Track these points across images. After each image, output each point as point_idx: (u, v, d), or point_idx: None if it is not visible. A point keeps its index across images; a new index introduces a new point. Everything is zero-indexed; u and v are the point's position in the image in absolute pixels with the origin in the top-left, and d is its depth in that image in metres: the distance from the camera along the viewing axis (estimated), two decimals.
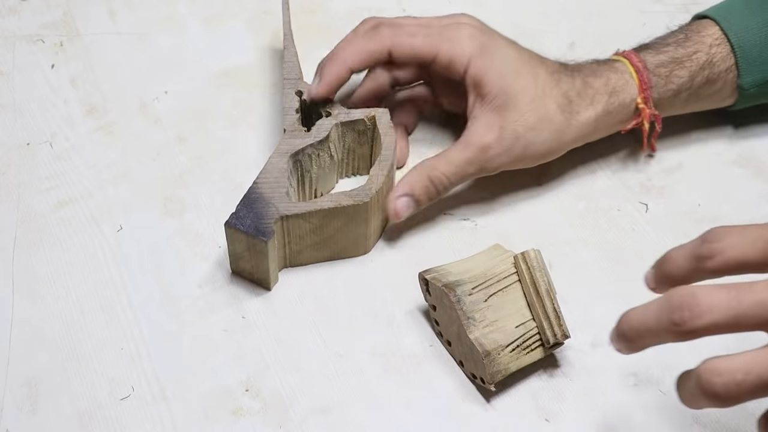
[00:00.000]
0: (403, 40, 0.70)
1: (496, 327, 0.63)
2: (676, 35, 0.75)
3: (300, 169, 0.70)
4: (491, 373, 0.62)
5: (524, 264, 0.64)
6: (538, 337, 0.64)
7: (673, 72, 0.73)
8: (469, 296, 0.63)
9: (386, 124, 0.71)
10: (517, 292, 0.64)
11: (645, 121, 0.73)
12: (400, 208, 0.69)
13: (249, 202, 0.67)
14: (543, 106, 0.70)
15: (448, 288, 0.63)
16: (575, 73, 0.72)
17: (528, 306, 0.64)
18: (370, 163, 0.72)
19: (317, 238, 0.69)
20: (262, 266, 0.67)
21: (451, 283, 0.64)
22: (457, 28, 0.71)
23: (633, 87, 0.72)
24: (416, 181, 0.70)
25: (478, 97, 0.70)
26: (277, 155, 0.69)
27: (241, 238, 0.66)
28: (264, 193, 0.67)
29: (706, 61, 0.73)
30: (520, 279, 0.65)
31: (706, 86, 0.74)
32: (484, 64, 0.70)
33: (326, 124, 0.71)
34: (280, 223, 0.67)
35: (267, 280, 0.68)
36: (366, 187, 0.68)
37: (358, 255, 0.71)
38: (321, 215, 0.67)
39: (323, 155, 0.71)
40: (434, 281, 0.65)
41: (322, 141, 0.70)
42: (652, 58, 0.73)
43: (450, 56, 0.70)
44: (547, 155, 0.72)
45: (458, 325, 0.63)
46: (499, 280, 0.64)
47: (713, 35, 0.74)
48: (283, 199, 0.67)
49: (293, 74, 0.74)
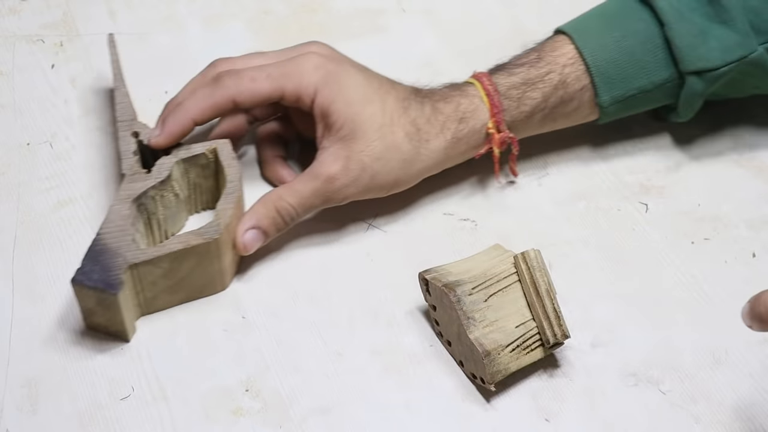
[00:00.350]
0: (245, 88, 0.68)
1: (496, 327, 0.63)
2: (529, 55, 0.74)
3: (145, 213, 0.68)
4: (491, 373, 0.62)
5: (524, 264, 0.64)
6: (538, 337, 0.64)
7: (526, 94, 0.72)
8: (469, 296, 0.63)
9: (228, 155, 0.69)
10: (517, 292, 0.64)
11: (495, 147, 0.72)
12: (248, 241, 0.68)
13: (94, 255, 0.64)
14: (390, 134, 0.69)
15: (448, 288, 0.63)
16: (425, 99, 0.71)
17: (528, 306, 0.64)
18: (219, 196, 0.69)
19: (170, 281, 0.66)
20: (117, 319, 0.65)
21: (451, 283, 0.64)
22: (303, 60, 0.69)
23: (484, 111, 0.71)
24: (263, 214, 0.68)
25: (325, 127, 0.69)
26: (119, 202, 0.67)
27: (90, 294, 0.63)
28: (109, 244, 0.64)
29: (560, 82, 0.72)
30: (520, 279, 0.65)
31: (561, 106, 0.73)
32: (331, 93, 0.68)
33: (167, 163, 0.69)
34: (129, 273, 0.64)
35: (124, 332, 0.66)
36: (215, 223, 0.66)
37: (216, 292, 0.69)
38: (171, 258, 0.65)
39: (168, 195, 0.69)
40: (434, 281, 0.65)
41: (164, 181, 0.68)
42: (504, 80, 0.72)
43: (296, 92, 0.68)
44: (397, 185, 0.71)
45: (458, 325, 0.63)
46: (499, 280, 0.64)
47: (567, 54, 0.73)
48: (130, 247, 0.64)
49: (127, 115, 0.71)
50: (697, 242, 0.73)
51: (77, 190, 0.75)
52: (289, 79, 0.69)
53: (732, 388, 0.65)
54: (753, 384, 0.65)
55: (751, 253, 0.72)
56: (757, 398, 0.65)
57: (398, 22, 0.88)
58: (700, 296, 0.70)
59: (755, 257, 0.72)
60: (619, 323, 0.68)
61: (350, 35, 0.86)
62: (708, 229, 0.73)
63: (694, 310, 0.69)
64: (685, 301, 0.70)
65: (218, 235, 0.65)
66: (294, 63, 0.69)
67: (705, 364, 0.66)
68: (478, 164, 0.74)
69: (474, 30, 0.87)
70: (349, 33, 0.86)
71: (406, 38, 0.86)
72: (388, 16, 0.88)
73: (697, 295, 0.70)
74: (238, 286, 0.70)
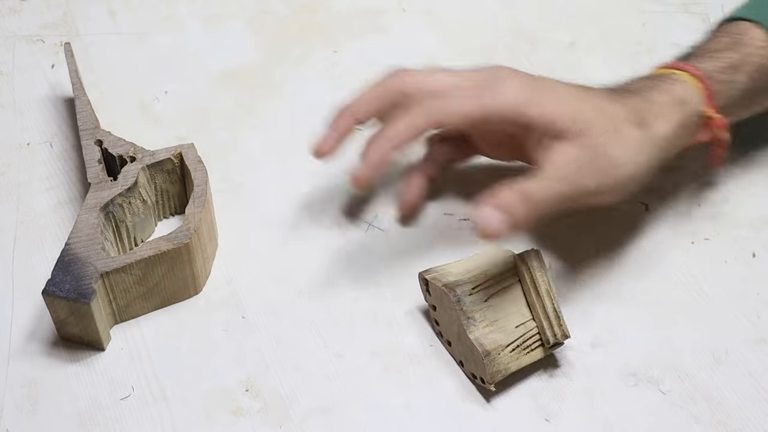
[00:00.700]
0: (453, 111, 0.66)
1: (497, 327, 0.63)
2: (718, 40, 0.71)
3: (114, 221, 0.68)
4: (491, 373, 0.62)
5: (524, 264, 0.64)
6: (538, 337, 0.64)
7: (733, 77, 0.69)
8: (469, 296, 0.63)
9: (194, 158, 0.69)
10: (517, 291, 0.65)
11: (718, 132, 0.69)
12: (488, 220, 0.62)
13: (64, 266, 0.64)
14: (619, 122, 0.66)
15: (448, 288, 0.63)
16: (630, 93, 0.68)
17: (528, 306, 0.64)
18: (187, 201, 0.69)
19: (143, 288, 0.66)
20: (91, 328, 0.65)
21: (451, 283, 0.64)
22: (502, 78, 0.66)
23: (697, 97, 0.68)
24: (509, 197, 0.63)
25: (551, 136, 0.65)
26: (86, 211, 0.66)
27: (62, 304, 0.63)
28: (78, 254, 0.64)
29: (761, 64, 0.70)
30: (520, 279, 0.65)
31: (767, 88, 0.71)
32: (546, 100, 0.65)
33: (132, 170, 0.69)
34: (101, 281, 0.64)
35: (99, 341, 0.66)
36: (184, 228, 0.66)
37: (190, 297, 0.69)
38: (142, 265, 0.65)
39: (135, 202, 0.69)
40: (434, 281, 0.65)
41: (130, 188, 0.68)
42: (708, 65, 0.69)
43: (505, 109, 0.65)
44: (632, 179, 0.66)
45: (458, 325, 0.63)
46: (499, 280, 0.64)
47: (758, 36, 0.70)
48: (99, 256, 0.64)
49: (89, 124, 0.71)
50: (697, 242, 0.73)
51: (77, 190, 0.75)
52: (497, 97, 0.66)
53: (732, 388, 0.65)
54: (753, 384, 0.65)
55: (751, 253, 0.72)
56: (757, 398, 0.65)
57: (398, 22, 0.88)
58: (700, 296, 0.70)
59: (755, 257, 0.72)
60: (619, 323, 0.68)
61: (350, 35, 0.86)
62: (708, 229, 0.73)
63: (694, 310, 0.69)
64: (685, 301, 0.70)
65: (188, 240, 0.66)
66: (495, 81, 0.66)
67: (705, 364, 0.66)
68: (478, 164, 0.74)
69: (474, 30, 0.87)
70: (349, 33, 0.86)
71: (406, 38, 0.86)
72: (388, 16, 0.88)
73: (697, 295, 0.70)
74: (238, 286, 0.70)
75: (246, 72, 0.83)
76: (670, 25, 0.86)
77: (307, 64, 0.84)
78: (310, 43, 0.85)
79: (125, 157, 0.70)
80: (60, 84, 0.82)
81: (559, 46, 0.85)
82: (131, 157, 0.70)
